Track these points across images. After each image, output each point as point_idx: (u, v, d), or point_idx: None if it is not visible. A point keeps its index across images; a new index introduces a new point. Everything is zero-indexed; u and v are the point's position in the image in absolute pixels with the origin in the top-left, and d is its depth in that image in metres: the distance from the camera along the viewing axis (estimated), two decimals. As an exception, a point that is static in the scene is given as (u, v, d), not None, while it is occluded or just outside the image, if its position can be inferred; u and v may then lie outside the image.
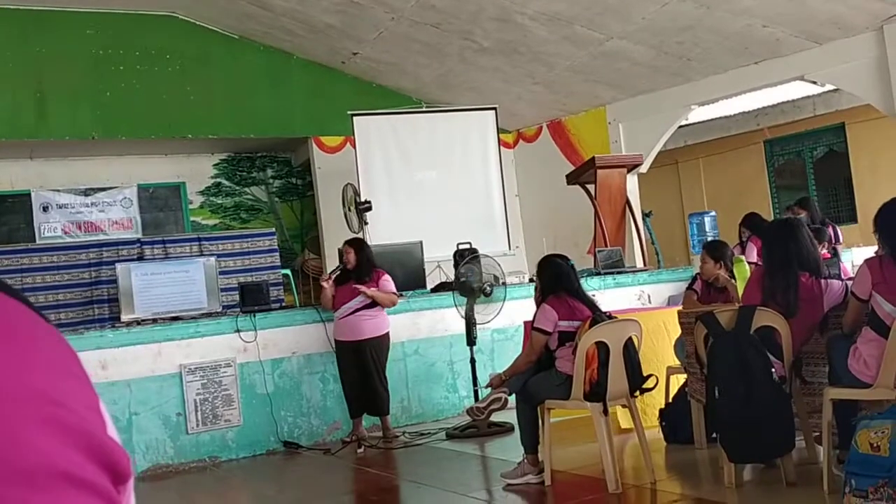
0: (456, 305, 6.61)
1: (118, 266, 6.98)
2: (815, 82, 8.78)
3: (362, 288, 6.10)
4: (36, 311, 0.45)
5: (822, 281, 4.15)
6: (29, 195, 9.63)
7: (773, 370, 3.96)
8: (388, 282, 6.26)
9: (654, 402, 5.49)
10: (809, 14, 7.49)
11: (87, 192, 9.92)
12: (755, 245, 6.79)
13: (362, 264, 6.23)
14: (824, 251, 5.32)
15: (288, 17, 9.04)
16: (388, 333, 6.30)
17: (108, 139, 9.27)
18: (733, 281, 5.40)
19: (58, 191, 9.78)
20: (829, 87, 9.23)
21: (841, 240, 7.56)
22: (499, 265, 6.68)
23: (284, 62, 9.98)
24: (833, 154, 11.19)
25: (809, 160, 11.41)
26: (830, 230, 7.10)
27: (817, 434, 4.17)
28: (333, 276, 6.34)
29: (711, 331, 4.06)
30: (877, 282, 3.64)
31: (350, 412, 6.32)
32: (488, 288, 6.51)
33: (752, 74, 8.62)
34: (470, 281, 6.55)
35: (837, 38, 7.85)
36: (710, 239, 6.93)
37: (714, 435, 4.46)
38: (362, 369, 6.17)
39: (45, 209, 9.69)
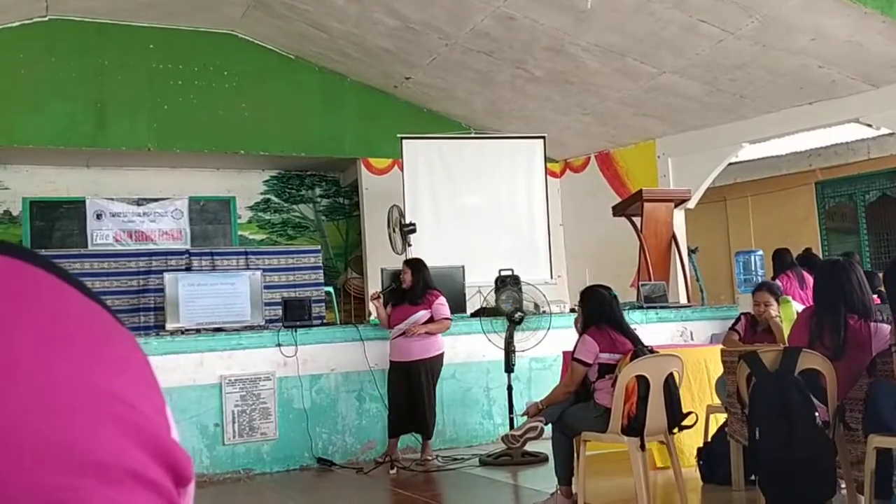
0: (485, 332, 6.59)
1: (166, 275, 7.12)
2: (870, 125, 8.66)
3: (416, 330, 6.15)
4: (113, 315, 0.47)
5: (872, 324, 4.08)
6: (84, 202, 9.86)
7: (817, 414, 3.89)
8: (441, 305, 6.30)
9: (691, 440, 5.41)
10: (867, 56, 7.41)
11: (139, 202, 10.13)
12: (780, 281, 6.75)
13: (417, 285, 6.28)
14: (875, 296, 5.20)
15: (343, 39, 9.19)
16: (441, 355, 6.33)
17: (163, 151, 9.48)
18: (779, 322, 5.32)
19: (111, 199, 10.01)
20: (884, 130, 9.09)
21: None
22: (543, 294, 6.67)
23: (338, 84, 10.14)
24: (886, 198, 10.99)
25: (861, 204, 11.22)
26: None
27: (859, 482, 4.07)
28: (381, 295, 6.39)
29: (755, 371, 4.00)
30: None
31: (389, 431, 6.34)
32: (518, 315, 6.49)
33: (805, 115, 8.53)
34: (501, 307, 6.55)
35: (895, 81, 7.75)
36: (764, 280, 6.84)
37: (753, 477, 4.38)
38: (411, 390, 6.20)
39: (98, 216, 9.91)
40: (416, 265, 6.46)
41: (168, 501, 0.43)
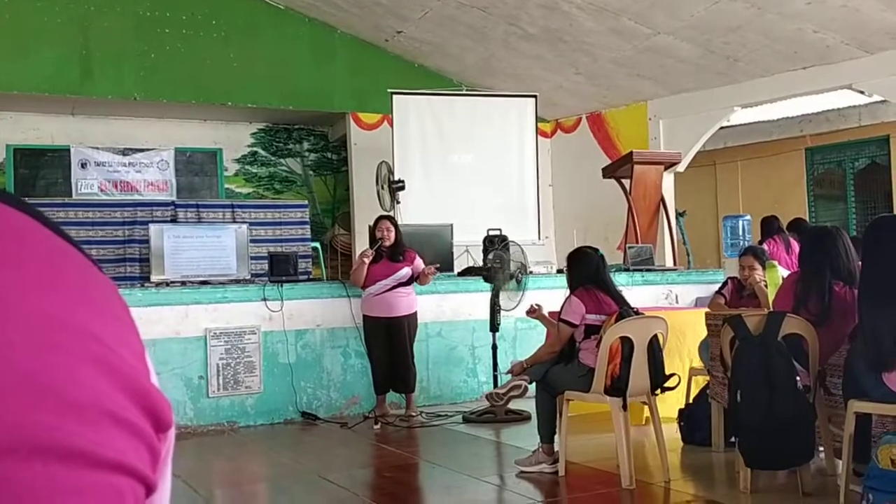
0: (494, 290, 6.60)
1: (151, 227, 7.07)
2: (862, 92, 8.63)
3: (432, 270, 6.25)
4: (92, 260, 0.46)
5: (856, 291, 4.10)
6: (68, 151, 9.74)
7: (798, 378, 3.93)
8: (421, 263, 6.33)
9: (674, 401, 5.46)
10: (862, 22, 7.36)
11: (125, 152, 10.03)
12: (767, 246, 6.76)
13: (400, 242, 6.28)
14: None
15: (335, -10, 9.04)
16: (416, 312, 6.38)
17: (150, 101, 9.35)
18: (765, 287, 5.34)
19: (97, 148, 9.90)
20: (876, 97, 9.07)
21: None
22: (523, 253, 6.66)
23: (328, 36, 9.99)
24: (875, 166, 11.01)
25: (850, 171, 11.23)
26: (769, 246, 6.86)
27: (838, 446, 4.12)
28: (374, 253, 6.34)
29: (738, 334, 4.02)
30: None
31: (377, 388, 6.36)
32: (520, 275, 6.51)
33: (798, 80, 8.49)
34: (503, 267, 6.55)
35: (889, 48, 7.70)
36: (750, 244, 6.85)
37: (733, 439, 4.43)
38: (393, 346, 6.22)
39: (83, 166, 9.81)
40: (395, 222, 6.47)
41: (147, 445, 0.42)
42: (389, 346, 6.24)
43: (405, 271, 6.23)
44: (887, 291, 3.60)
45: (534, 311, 5.00)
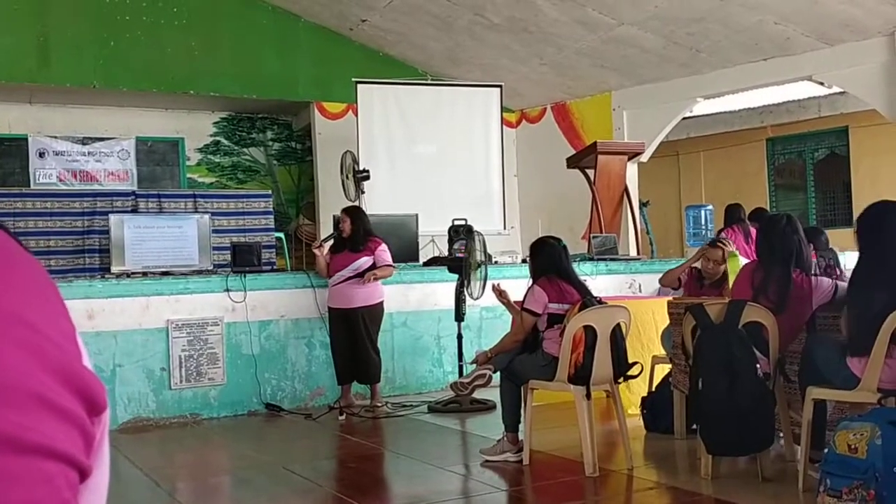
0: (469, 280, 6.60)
1: (111, 217, 6.96)
2: (822, 83, 8.76)
3: (368, 278, 6.11)
4: (17, 241, 0.45)
5: (812, 278, 4.16)
6: (26, 140, 9.56)
7: (758, 366, 3.98)
8: (384, 251, 6.27)
9: (637, 389, 5.51)
10: (822, 14, 7.45)
11: (84, 141, 9.85)
12: (726, 234, 6.85)
13: (358, 233, 6.23)
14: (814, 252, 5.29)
15: (298, -22, 8.95)
16: (381, 303, 6.32)
17: (109, 89, 9.19)
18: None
19: (55, 137, 9.71)
20: (835, 89, 9.20)
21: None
22: (484, 243, 6.66)
23: (292, 24, 9.90)
24: (834, 157, 11.19)
25: (810, 161, 11.40)
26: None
27: (797, 432, 4.19)
28: (326, 243, 6.33)
29: (700, 323, 4.06)
30: None
31: (338, 379, 6.34)
32: (485, 265, 6.51)
33: (760, 71, 8.59)
34: (470, 256, 6.54)
35: (849, 40, 7.82)
36: (715, 236, 6.91)
37: (694, 426, 4.48)
38: (352, 337, 6.19)
39: (41, 155, 9.62)
40: (354, 212, 6.41)
41: (80, 428, 0.41)
42: (349, 336, 6.21)
43: (363, 261, 6.19)
44: (880, 277, 3.63)
45: (499, 292, 5.01)
